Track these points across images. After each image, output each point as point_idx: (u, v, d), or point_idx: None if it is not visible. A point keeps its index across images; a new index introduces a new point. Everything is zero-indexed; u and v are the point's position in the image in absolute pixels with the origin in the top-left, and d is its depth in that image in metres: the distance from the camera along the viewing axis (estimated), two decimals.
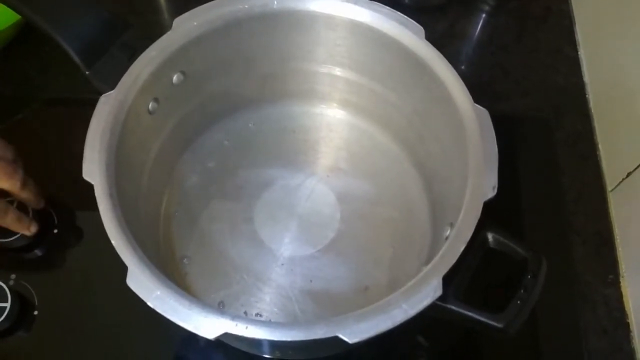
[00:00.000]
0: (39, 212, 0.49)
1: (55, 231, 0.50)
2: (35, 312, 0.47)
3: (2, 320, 0.44)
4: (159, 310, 0.33)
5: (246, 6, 0.44)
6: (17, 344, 0.46)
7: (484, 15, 0.65)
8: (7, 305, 0.45)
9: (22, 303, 0.46)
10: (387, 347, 0.46)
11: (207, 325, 0.32)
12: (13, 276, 0.48)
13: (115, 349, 0.46)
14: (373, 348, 0.47)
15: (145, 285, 0.33)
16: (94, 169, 0.37)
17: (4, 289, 0.45)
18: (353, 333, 0.32)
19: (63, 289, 0.48)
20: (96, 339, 0.46)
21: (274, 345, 0.38)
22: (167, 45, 0.42)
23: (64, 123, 0.56)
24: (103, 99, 0.40)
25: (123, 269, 0.34)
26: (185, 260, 0.47)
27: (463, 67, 0.62)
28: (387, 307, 0.33)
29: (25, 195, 0.46)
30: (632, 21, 0.53)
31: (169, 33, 0.42)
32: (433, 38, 0.43)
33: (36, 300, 0.47)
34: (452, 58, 0.42)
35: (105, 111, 0.39)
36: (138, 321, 0.47)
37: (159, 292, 0.33)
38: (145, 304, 0.33)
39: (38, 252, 0.50)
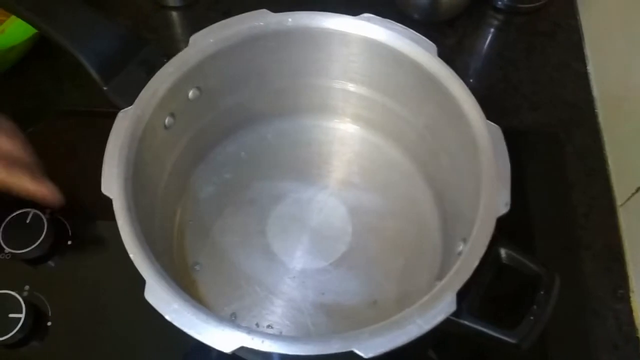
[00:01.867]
0: (53, 223, 0.50)
1: (69, 242, 0.51)
2: (49, 323, 0.47)
3: (16, 331, 0.45)
4: (176, 324, 0.33)
5: (261, 23, 0.44)
6: (31, 355, 0.46)
7: (492, 30, 0.66)
8: (22, 316, 0.45)
9: (35, 314, 0.47)
10: None
11: (223, 339, 0.33)
12: (27, 287, 0.48)
13: None
14: None
15: (163, 298, 0.34)
16: (112, 183, 0.38)
17: (18, 300, 0.46)
18: (368, 348, 0.32)
19: (76, 300, 0.48)
20: (109, 351, 0.47)
21: (288, 359, 0.38)
22: (184, 62, 0.43)
23: (77, 136, 0.57)
24: (121, 114, 0.40)
25: (136, 280, 0.35)
26: (197, 267, 0.48)
27: (472, 81, 0.62)
28: (401, 322, 0.34)
29: (39, 188, 0.46)
30: None
31: (185, 49, 0.43)
32: (442, 53, 0.44)
33: (50, 312, 0.47)
34: (461, 72, 0.43)
35: (123, 127, 0.40)
36: (150, 333, 0.47)
37: (176, 306, 0.34)
38: (158, 316, 0.34)
39: (52, 264, 0.50)
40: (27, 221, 0.49)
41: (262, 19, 0.44)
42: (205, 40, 0.43)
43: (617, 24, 0.60)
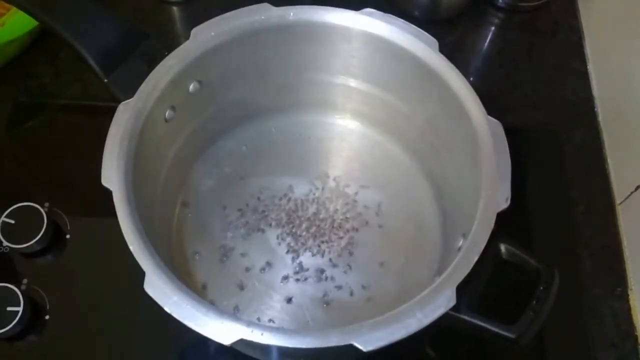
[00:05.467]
0: (52, 217, 0.50)
1: (68, 236, 0.50)
2: (47, 317, 0.47)
3: (14, 325, 0.45)
4: (175, 316, 0.33)
5: (263, 17, 0.44)
6: (28, 349, 0.46)
7: (493, 29, 0.66)
8: (19, 309, 0.45)
9: (33, 307, 0.47)
10: (395, 358, 0.46)
11: (223, 331, 0.33)
12: (25, 281, 0.48)
13: (126, 355, 0.47)
14: (381, 358, 0.47)
15: (162, 290, 0.34)
16: (112, 175, 0.37)
17: (17, 294, 0.45)
18: (367, 341, 0.33)
19: (74, 293, 0.48)
20: (107, 344, 0.47)
21: (286, 352, 0.38)
22: (185, 55, 0.43)
23: (77, 129, 0.57)
24: (122, 106, 0.40)
25: (134, 273, 0.35)
26: (196, 259, 0.48)
27: (472, 79, 0.62)
28: (401, 316, 0.34)
29: None
30: None
31: (186, 42, 0.43)
32: (442, 50, 0.44)
33: (48, 305, 0.47)
34: (462, 70, 0.43)
35: (124, 119, 0.40)
36: (150, 326, 0.47)
37: (176, 298, 0.34)
38: (157, 309, 0.34)
39: (50, 257, 0.50)
40: (26, 215, 0.49)
41: (263, 13, 0.44)
42: (207, 34, 0.43)
43: (617, 23, 0.60)
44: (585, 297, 0.50)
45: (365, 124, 0.54)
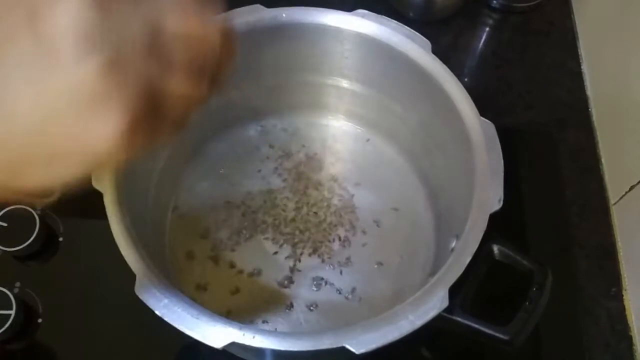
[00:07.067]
0: (44, 219, 0.50)
1: (61, 239, 0.50)
2: (40, 320, 0.47)
3: (6, 328, 0.44)
4: (167, 319, 0.33)
5: (255, 18, 0.44)
6: (21, 352, 0.46)
7: (487, 29, 0.66)
8: (12, 313, 0.45)
9: (26, 311, 0.46)
10: (390, 359, 0.46)
11: (214, 334, 0.33)
12: (18, 284, 0.48)
13: (120, 357, 0.46)
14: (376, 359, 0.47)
15: (153, 294, 0.34)
16: (103, 177, 0.37)
17: (9, 297, 0.45)
18: (360, 344, 0.32)
19: (67, 297, 0.48)
20: (100, 347, 0.46)
21: (279, 355, 0.38)
22: None
23: None
24: None
25: (128, 276, 0.35)
26: (188, 263, 0.48)
27: (467, 79, 0.62)
28: (393, 318, 0.33)
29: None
30: (635, 36, 0.54)
31: None
32: (437, 51, 0.44)
33: (40, 308, 0.47)
34: (456, 71, 0.43)
35: None
36: (143, 330, 0.47)
37: (166, 301, 0.33)
38: (150, 312, 0.33)
39: (43, 260, 0.49)
40: (19, 217, 0.48)
41: (255, 14, 0.44)
42: None
43: (611, 23, 0.60)
44: (580, 297, 0.50)
45: (359, 125, 0.54)
